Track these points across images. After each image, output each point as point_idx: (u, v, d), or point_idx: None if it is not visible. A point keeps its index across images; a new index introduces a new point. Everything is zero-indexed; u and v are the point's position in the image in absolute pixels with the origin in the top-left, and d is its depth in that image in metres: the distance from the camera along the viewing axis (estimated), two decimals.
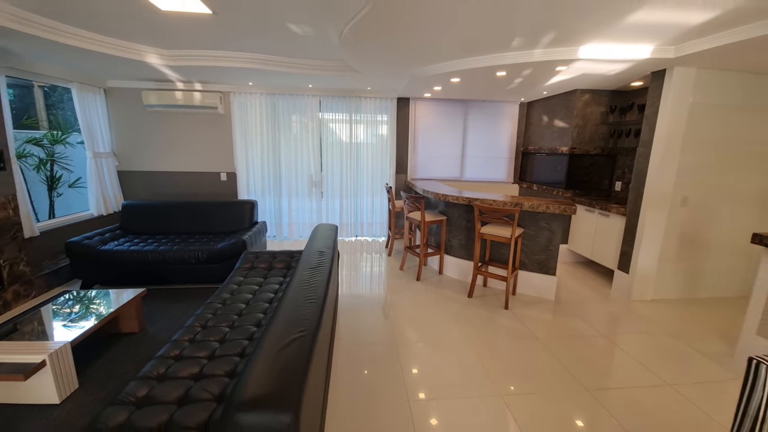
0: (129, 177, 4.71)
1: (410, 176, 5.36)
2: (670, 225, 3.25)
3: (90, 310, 2.27)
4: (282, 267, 2.84)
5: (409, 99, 5.10)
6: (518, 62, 2.95)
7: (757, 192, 3.33)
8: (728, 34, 2.29)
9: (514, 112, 5.27)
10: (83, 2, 2.27)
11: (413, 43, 2.72)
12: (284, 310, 1.42)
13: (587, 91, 4.11)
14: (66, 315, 2.21)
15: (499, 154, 5.41)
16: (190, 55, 3.40)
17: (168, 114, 4.61)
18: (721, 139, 3.16)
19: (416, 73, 3.63)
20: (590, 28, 2.32)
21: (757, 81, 3.07)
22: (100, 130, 4.29)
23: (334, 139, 5.13)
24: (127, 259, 3.23)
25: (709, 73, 2.98)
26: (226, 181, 4.91)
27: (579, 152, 4.24)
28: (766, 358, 1.16)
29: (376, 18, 2.20)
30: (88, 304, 2.37)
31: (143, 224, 3.89)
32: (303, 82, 4.28)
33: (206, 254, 3.31)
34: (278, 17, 2.47)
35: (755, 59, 2.65)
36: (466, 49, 2.87)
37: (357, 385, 2.07)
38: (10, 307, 2.91)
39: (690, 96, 3.00)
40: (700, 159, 3.16)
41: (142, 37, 2.99)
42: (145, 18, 2.51)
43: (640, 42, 2.58)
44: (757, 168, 3.27)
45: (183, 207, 4.02)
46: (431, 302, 3.22)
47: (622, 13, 2.06)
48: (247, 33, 2.83)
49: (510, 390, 2.05)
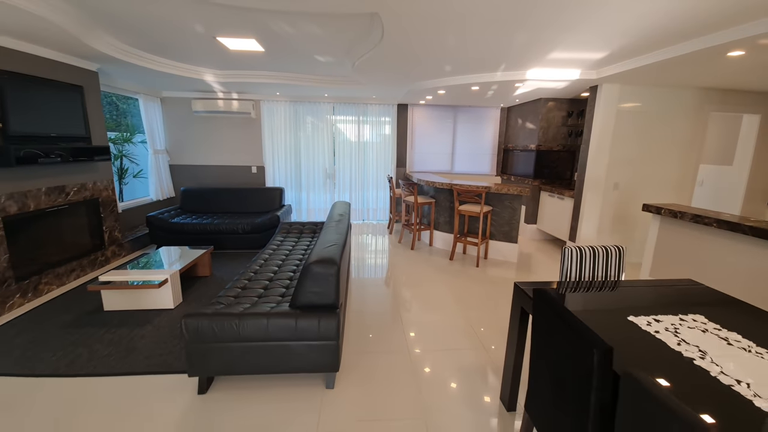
0: (178, 169, 5.77)
1: (408, 169, 6.37)
2: (605, 205, 4.22)
3: (182, 258, 3.31)
4: (310, 232, 3.86)
5: (408, 105, 6.11)
6: (486, 81, 3.95)
7: (674, 179, 4.28)
8: (630, 62, 3.26)
9: (496, 116, 6.25)
10: (171, 40, 3.30)
11: (406, 70, 3.73)
12: (321, 238, 2.43)
13: (550, 99, 5.07)
14: (168, 260, 3.25)
15: (484, 151, 6.40)
16: (237, 74, 4.44)
17: (210, 118, 5.67)
18: (643, 138, 4.12)
19: (411, 87, 4.64)
20: (529, 60, 3.30)
21: (669, 93, 4.03)
22: (157, 131, 5.36)
23: (345, 138, 6.16)
24: (191, 229, 4.29)
25: (630, 88, 3.95)
26: (255, 173, 5.96)
27: (544, 149, 5.21)
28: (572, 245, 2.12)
29: (379, 56, 3.21)
30: (180, 254, 3.41)
31: (198, 204, 4.96)
32: (320, 92, 5.30)
33: (249, 226, 4.36)
34: (309, 53, 3.48)
35: (659, 78, 3.61)
36: (447, 73, 3.87)
37: (366, 299, 3.09)
38: (109, 262, 3.98)
39: (615, 105, 3.97)
40: (626, 153, 4.13)
41: (205, 63, 4.02)
42: (215, 53, 3.54)
43: (570, 68, 3.56)
44: (674, 161, 4.23)
45: (227, 192, 5.08)
46: (421, 263, 4.23)
47: (543, 53, 3.05)
48: (284, 61, 3.85)
49: (466, 308, 3.05)
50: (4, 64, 2.78)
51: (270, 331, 1.85)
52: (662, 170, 4.23)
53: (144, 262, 3.12)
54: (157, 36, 3.02)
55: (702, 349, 1.23)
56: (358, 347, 2.43)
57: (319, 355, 1.90)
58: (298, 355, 1.89)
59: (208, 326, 1.82)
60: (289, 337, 1.87)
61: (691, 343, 1.26)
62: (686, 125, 4.15)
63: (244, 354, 1.87)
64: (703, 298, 1.67)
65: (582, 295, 1.68)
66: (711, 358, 1.18)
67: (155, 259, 3.21)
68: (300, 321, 1.86)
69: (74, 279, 3.48)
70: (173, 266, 3.04)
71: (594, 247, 1.96)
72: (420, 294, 3.33)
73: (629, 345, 1.26)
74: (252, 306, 2.03)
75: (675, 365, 1.14)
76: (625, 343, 1.27)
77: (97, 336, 2.48)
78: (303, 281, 1.90)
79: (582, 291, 1.72)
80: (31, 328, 2.57)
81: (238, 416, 1.80)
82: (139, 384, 2.02)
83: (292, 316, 1.87)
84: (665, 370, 1.11)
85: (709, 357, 1.18)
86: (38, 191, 3.10)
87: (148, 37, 3.07)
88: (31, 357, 2.24)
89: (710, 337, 1.30)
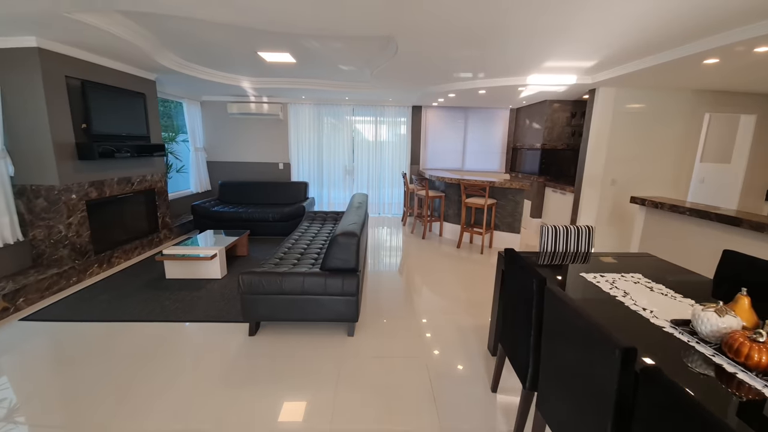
0: (214, 165, 6.44)
1: (422, 166, 6.83)
2: (603, 199, 4.56)
3: (225, 239, 3.90)
4: (332, 220, 4.39)
5: (421, 107, 6.57)
6: (491, 86, 4.37)
7: (671, 176, 4.57)
8: (618, 69, 3.62)
9: (505, 116, 6.63)
10: (219, 55, 3.88)
11: (418, 77, 4.20)
12: (344, 219, 2.94)
13: (555, 101, 5.43)
14: (213, 241, 3.85)
15: (494, 149, 6.78)
16: (269, 80, 5.02)
17: (243, 119, 6.31)
18: (640, 137, 4.44)
19: (424, 91, 5.11)
20: (528, 67, 3.72)
21: (664, 95, 4.34)
22: (197, 131, 6.04)
23: (363, 138, 6.68)
24: (228, 216, 4.91)
25: (625, 91, 4.28)
26: (282, 169, 6.57)
27: (549, 147, 5.56)
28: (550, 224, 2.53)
29: (393, 67, 3.70)
30: (221, 237, 4.00)
31: (233, 196, 5.60)
32: (341, 96, 5.84)
33: (278, 215, 4.94)
34: (335, 63, 4.00)
35: (651, 81, 3.94)
36: (456, 78, 4.32)
37: (381, 278, 3.58)
38: (162, 243, 4.63)
39: (612, 106, 4.31)
40: (624, 152, 4.46)
41: (244, 72, 4.61)
42: (253, 64, 4.11)
43: (567, 74, 3.94)
44: (670, 159, 4.52)
45: (259, 185, 5.69)
46: (431, 250, 4.69)
47: (538, 61, 3.46)
48: (311, 69, 4.39)
49: (469, 286, 3.50)
50: (88, 75, 3.43)
51: (305, 287, 2.37)
52: (659, 168, 4.53)
53: (195, 241, 3.73)
54: (208, 52, 3.61)
55: (627, 291, 1.66)
56: (373, 313, 2.93)
57: (342, 307, 2.40)
58: (327, 307, 2.41)
59: (258, 281, 2.36)
60: (319, 293, 2.39)
61: (620, 288, 1.69)
62: (681, 125, 4.44)
63: (284, 304, 2.40)
64: (650, 265, 2.07)
65: (551, 259, 2.12)
66: (631, 297, 1.61)
67: (203, 240, 3.81)
68: (328, 280, 2.38)
69: (137, 255, 4.13)
70: (219, 245, 3.62)
71: (567, 226, 2.38)
72: (428, 274, 3.80)
73: (572, 287, 1.70)
74: (291, 268, 2.56)
75: (601, 300, 1.58)
76: (570, 286, 1.71)
77: (164, 296, 3.08)
78: (331, 249, 2.42)
79: (553, 259, 2.16)
80: (111, 290, 3.20)
81: (279, 351, 2.33)
82: (203, 329, 2.59)
83: (322, 276, 2.38)
84: (592, 302, 1.56)
85: (630, 297, 1.61)
86: (111, 181, 3.75)
87: (201, 53, 3.67)
88: (116, 309, 2.86)
89: (638, 287, 1.73)
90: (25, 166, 3.11)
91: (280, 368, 2.16)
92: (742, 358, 1.08)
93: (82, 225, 3.40)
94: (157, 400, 1.88)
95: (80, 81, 3.30)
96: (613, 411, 0.96)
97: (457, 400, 1.94)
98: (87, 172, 3.45)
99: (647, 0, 2.07)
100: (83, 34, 2.85)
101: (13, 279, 2.93)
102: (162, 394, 1.93)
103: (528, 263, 1.57)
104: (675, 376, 1.04)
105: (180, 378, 2.06)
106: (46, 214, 3.19)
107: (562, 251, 2.38)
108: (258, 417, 1.79)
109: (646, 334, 1.30)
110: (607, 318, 1.42)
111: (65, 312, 2.78)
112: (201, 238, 3.91)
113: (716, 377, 1.05)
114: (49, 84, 3.04)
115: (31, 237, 3.23)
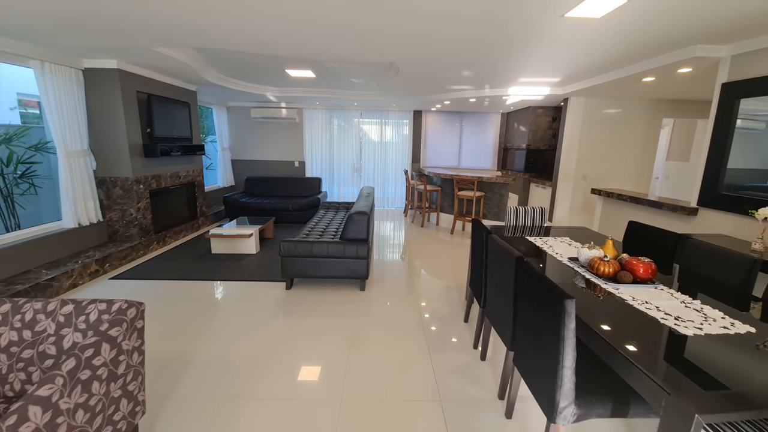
0: (237, 163, 7.28)
1: (422, 165, 7.61)
2: (575, 192, 5.32)
3: (257, 222, 4.71)
4: (344, 208, 5.20)
5: (422, 111, 7.36)
6: (479, 95, 5.15)
7: (634, 173, 5.32)
8: (579, 83, 4.38)
9: (497, 120, 7.39)
10: (252, 71, 4.69)
11: (417, 89, 5.00)
12: (356, 204, 3.73)
13: (539, 107, 6.18)
14: (246, 225, 4.67)
15: (487, 149, 7.55)
16: (290, 90, 5.84)
17: (264, 123, 7.15)
18: (607, 139, 5.19)
19: (423, 99, 5.90)
20: (508, 82, 4.49)
21: (627, 103, 5.09)
22: (224, 133, 6.88)
23: (369, 139, 7.48)
24: (253, 206, 5.74)
25: (593, 99, 5.04)
26: (297, 166, 7.39)
27: (533, 148, 6.32)
28: (513, 206, 3.31)
29: (396, 81, 4.50)
30: (247, 223, 4.82)
31: (257, 189, 6.44)
32: (350, 102, 6.64)
33: (297, 205, 5.76)
34: (347, 77, 4.81)
35: (614, 92, 4.69)
36: (449, 90, 5.11)
37: (385, 257, 4.38)
38: (200, 228, 5.47)
39: (582, 113, 5.07)
40: (592, 151, 5.21)
41: (269, 83, 5.43)
42: (280, 78, 4.93)
43: (541, 87, 4.71)
44: (633, 157, 5.27)
45: (279, 180, 6.52)
46: (428, 235, 5.48)
47: (515, 78, 4.24)
48: (326, 81, 5.19)
49: (457, 261, 4.29)
50: (152, 89, 4.26)
51: (329, 252, 3.18)
52: (623, 165, 5.28)
53: (233, 224, 4.56)
54: (243, 69, 4.43)
55: (551, 246, 2.44)
56: (379, 279, 3.73)
57: (357, 267, 3.21)
58: (345, 267, 3.21)
59: (294, 247, 3.17)
60: (339, 256, 3.19)
61: (548, 245, 2.48)
62: (642, 129, 5.19)
63: (313, 265, 3.21)
64: (580, 233, 2.85)
65: (514, 232, 2.90)
66: (552, 248, 2.39)
67: (235, 225, 4.64)
68: (346, 246, 3.18)
69: (182, 236, 4.98)
70: (253, 227, 4.45)
71: (526, 207, 3.16)
72: (424, 253, 4.59)
73: (515, 243, 2.49)
74: (317, 239, 3.38)
75: (530, 249, 2.37)
76: (514, 243, 2.50)
77: (216, 264, 3.91)
78: (347, 224, 3.22)
79: (516, 231, 2.94)
80: (172, 260, 4.03)
81: (310, 298, 3.13)
82: (251, 285, 3.41)
83: (341, 244, 3.19)
84: (525, 250, 2.34)
85: (551, 248, 2.39)
86: (166, 174, 4.59)
87: (237, 70, 4.49)
88: (182, 272, 3.68)
89: (561, 244, 2.51)
90: (105, 162, 3.95)
91: (312, 308, 2.97)
92: (595, 271, 1.86)
93: (147, 209, 4.24)
94: (224, 331, 2.70)
95: (146, 94, 4.14)
96: (513, 291, 1.74)
97: (439, 327, 2.74)
98: (150, 167, 4.29)
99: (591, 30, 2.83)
100: (155, 59, 3.68)
101: (99, 249, 3.77)
102: (226, 327, 2.74)
103: (483, 225, 2.36)
104: (562, 283, 1.82)
105: (239, 316, 2.87)
106: (121, 200, 4.03)
107: (522, 225, 3.16)
108: (299, 336, 2.59)
109: (551, 264, 2.08)
110: (529, 257, 2.21)
111: (144, 273, 3.62)
112: (234, 223, 4.74)
113: (584, 283, 1.84)
114: (125, 97, 3.88)
115: (108, 218, 4.07)
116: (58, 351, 1.41)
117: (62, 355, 1.41)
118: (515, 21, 2.36)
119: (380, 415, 1.84)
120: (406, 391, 2.03)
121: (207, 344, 2.45)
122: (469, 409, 1.90)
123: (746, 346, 1.24)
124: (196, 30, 2.75)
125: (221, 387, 2.02)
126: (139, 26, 2.67)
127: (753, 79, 2.70)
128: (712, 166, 3.00)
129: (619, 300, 1.60)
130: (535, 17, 2.28)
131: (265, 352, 2.36)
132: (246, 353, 2.34)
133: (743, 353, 1.20)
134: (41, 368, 1.40)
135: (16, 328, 1.42)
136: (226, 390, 1.99)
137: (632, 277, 1.76)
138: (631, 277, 1.76)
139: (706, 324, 1.38)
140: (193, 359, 2.27)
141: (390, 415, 1.84)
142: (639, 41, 2.79)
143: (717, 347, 1.23)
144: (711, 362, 1.14)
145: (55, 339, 1.41)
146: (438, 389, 2.04)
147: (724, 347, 1.23)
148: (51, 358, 1.41)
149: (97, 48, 3.31)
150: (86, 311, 1.44)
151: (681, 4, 2.08)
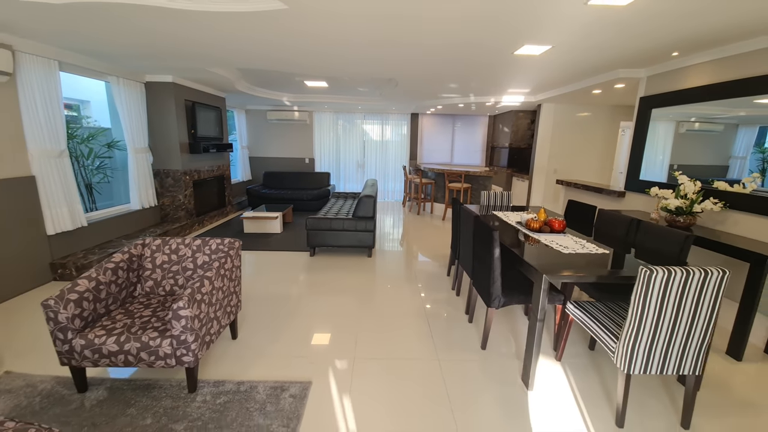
0: (254, 159, 8.20)
1: (418, 161, 8.55)
2: (548, 184, 6.26)
3: (280, 208, 5.64)
4: (351, 198, 6.13)
5: (418, 114, 8.29)
6: (466, 102, 6.09)
7: (596, 168, 6.27)
8: (550, 92, 5.32)
9: (485, 122, 8.33)
10: (275, 81, 5.60)
11: (414, 97, 5.93)
12: (364, 191, 4.66)
13: (519, 111, 7.12)
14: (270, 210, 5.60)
15: (476, 148, 8.49)
16: (304, 96, 6.75)
17: (278, 124, 8.07)
18: (575, 138, 6.13)
19: (418, 104, 6.83)
20: (488, 91, 5.43)
21: (590, 108, 6.03)
22: (243, 133, 7.80)
23: (371, 138, 8.41)
24: (272, 197, 6.67)
25: (562, 105, 5.98)
26: (308, 163, 8.31)
27: (515, 147, 7.26)
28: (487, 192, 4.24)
29: (396, 91, 5.43)
30: (278, 208, 5.74)
31: (274, 182, 7.37)
32: (355, 106, 7.57)
33: (310, 196, 6.69)
34: (355, 87, 5.73)
35: (576, 100, 5.63)
36: (441, 97, 6.05)
37: (386, 236, 5.32)
38: (228, 214, 6.39)
39: (552, 116, 6.01)
40: (562, 149, 6.15)
41: (286, 91, 6.34)
42: (297, 87, 5.84)
43: (515, 95, 5.65)
44: (597, 154, 6.21)
45: (293, 174, 7.45)
46: (422, 222, 6.42)
47: (494, 89, 5.17)
48: (336, 89, 6.11)
49: (443, 240, 5.23)
50: (195, 97, 5.18)
51: (344, 226, 4.11)
52: (588, 160, 6.23)
53: (260, 209, 5.49)
54: (269, 80, 5.35)
55: (507, 216, 3.38)
56: (381, 251, 4.67)
57: (365, 238, 4.14)
58: (356, 238, 4.14)
59: (316, 222, 4.11)
60: (352, 229, 4.12)
61: (506, 216, 3.42)
62: (604, 130, 6.13)
63: (332, 236, 4.14)
64: (534, 210, 3.79)
65: (486, 210, 3.84)
66: (509, 217, 3.33)
67: (264, 210, 5.58)
68: (357, 222, 4.11)
69: (216, 221, 5.90)
70: (278, 212, 5.38)
71: (496, 192, 4.10)
72: (419, 234, 5.53)
73: (486, 216, 3.43)
74: (334, 216, 4.32)
75: (493, 218, 3.30)
76: (486, 217, 3.44)
77: (248, 240, 4.83)
78: (358, 204, 4.15)
79: (489, 210, 3.88)
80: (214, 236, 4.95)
81: (330, 263, 4.06)
82: (281, 254, 4.34)
83: (354, 220, 4.12)
84: (487, 216, 3.28)
85: (508, 217, 3.33)
86: (203, 168, 5.51)
87: (262, 80, 5.41)
88: None
89: (515, 214, 3.44)
90: (160, 157, 4.87)
91: (332, 267, 3.91)
92: (527, 227, 2.80)
93: (191, 196, 5.17)
94: (271, 280, 3.63)
95: (191, 102, 5.07)
96: (472, 239, 2.68)
97: (428, 279, 3.67)
98: (193, 162, 5.21)
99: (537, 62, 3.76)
100: (202, 75, 4.60)
101: (158, 227, 4.69)
102: (272, 278, 3.67)
103: (459, 201, 3.30)
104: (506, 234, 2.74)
105: (279, 273, 3.80)
106: (172, 188, 4.95)
107: (493, 205, 4.09)
108: (324, 282, 3.53)
109: (503, 225, 3.02)
110: (490, 221, 3.14)
111: None
112: (262, 207, 5.66)
113: (522, 236, 2.77)
114: (177, 105, 4.80)
115: (161, 203, 4.99)
116: (194, 266, 2.34)
117: (197, 269, 2.34)
118: (483, 55, 3.30)
119: (384, 324, 2.78)
120: (403, 312, 2.97)
121: (261, 288, 3.38)
122: (446, 321, 2.84)
123: (599, 259, 2.18)
124: (248, 57, 3.68)
125: (276, 310, 2.95)
126: (203, 54, 3.60)
127: (661, 94, 3.64)
128: (633, 161, 3.93)
129: (536, 239, 2.54)
130: (495, 54, 3.22)
131: (302, 292, 3.29)
132: (289, 293, 3.28)
133: (590, 258, 2.14)
134: (184, 276, 2.33)
135: (166, 253, 2.35)
136: (281, 311, 2.93)
137: (550, 229, 2.71)
138: (549, 228, 2.70)
139: (580, 248, 2.32)
140: (251, 298, 3.20)
141: (392, 324, 2.78)
142: (573, 69, 3.75)
143: (578, 258, 2.17)
144: (570, 263, 2.08)
145: (191, 259, 2.35)
146: (425, 312, 2.98)
147: (582, 258, 2.17)
148: (190, 270, 2.34)
149: (158, 66, 4.23)
150: (209, 243, 2.37)
151: (599, 44, 3.01)
